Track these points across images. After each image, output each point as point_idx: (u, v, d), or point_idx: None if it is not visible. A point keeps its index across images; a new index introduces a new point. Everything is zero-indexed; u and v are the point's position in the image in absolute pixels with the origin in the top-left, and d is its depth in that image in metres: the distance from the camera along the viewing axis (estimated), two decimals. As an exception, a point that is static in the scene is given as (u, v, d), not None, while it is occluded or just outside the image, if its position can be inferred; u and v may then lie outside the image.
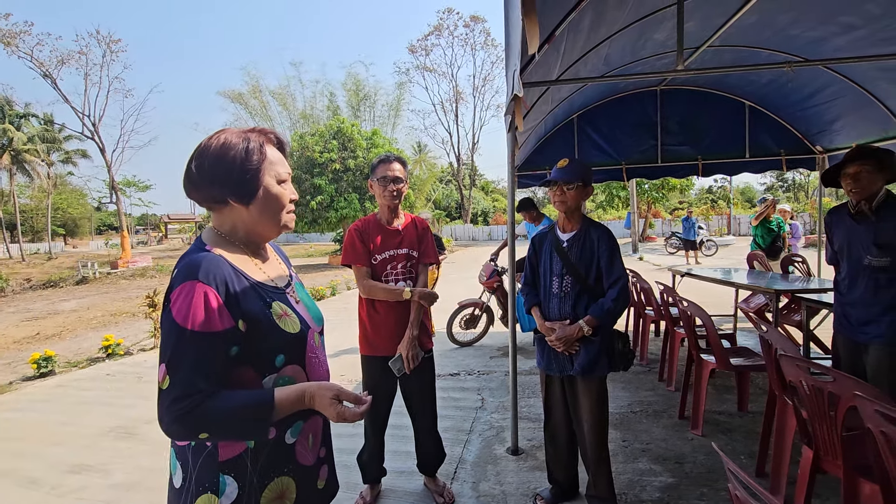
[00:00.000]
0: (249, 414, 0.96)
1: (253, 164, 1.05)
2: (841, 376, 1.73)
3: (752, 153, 5.66)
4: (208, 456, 1.01)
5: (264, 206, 1.09)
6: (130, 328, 8.51)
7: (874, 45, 3.65)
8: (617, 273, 2.22)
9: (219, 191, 1.05)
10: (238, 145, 1.05)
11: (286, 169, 1.14)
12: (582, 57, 3.58)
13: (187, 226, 48.91)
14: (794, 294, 4.03)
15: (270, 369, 1.06)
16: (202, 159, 1.04)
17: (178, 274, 1.00)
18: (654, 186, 23.11)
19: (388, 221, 2.42)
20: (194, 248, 1.07)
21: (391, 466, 2.72)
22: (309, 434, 1.13)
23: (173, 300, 0.96)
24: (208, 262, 1.00)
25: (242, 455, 1.02)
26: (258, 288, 1.08)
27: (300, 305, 1.17)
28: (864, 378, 2.47)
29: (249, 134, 1.09)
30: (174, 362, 0.93)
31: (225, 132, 1.08)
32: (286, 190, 1.12)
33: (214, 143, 1.05)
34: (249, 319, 1.02)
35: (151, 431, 3.65)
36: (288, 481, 1.08)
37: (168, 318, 0.96)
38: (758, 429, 2.83)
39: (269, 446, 1.05)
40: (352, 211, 18.83)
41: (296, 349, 1.10)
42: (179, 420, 0.91)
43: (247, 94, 27.42)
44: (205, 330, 0.95)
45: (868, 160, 2.44)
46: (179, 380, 0.92)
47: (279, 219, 1.12)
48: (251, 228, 1.11)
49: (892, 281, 2.43)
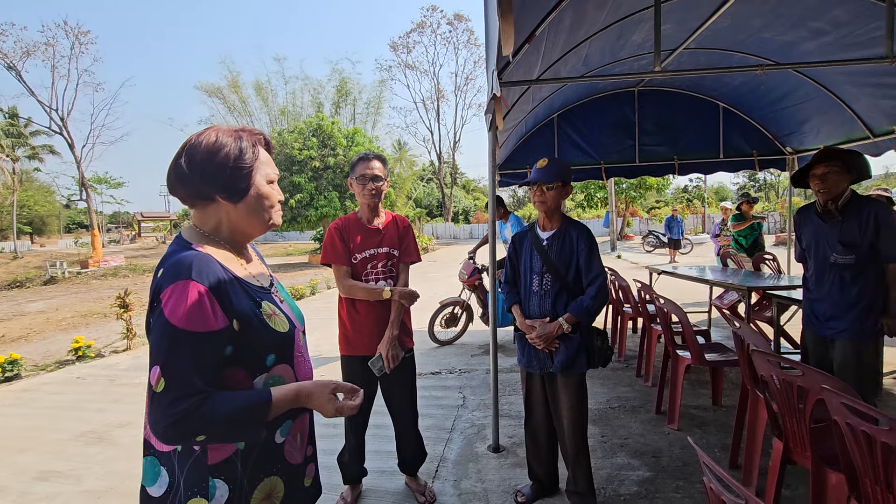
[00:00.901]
0: (248, 414, 0.96)
1: (246, 163, 1.06)
2: (809, 370, 1.79)
3: (725, 153, 5.81)
4: (196, 461, 0.99)
5: (254, 205, 1.09)
6: (102, 330, 8.26)
7: (841, 51, 3.78)
8: (596, 271, 2.25)
9: (209, 188, 1.04)
10: (231, 143, 1.05)
11: (274, 170, 1.15)
12: (562, 57, 3.61)
13: (162, 224, 47.68)
14: (765, 291, 4.15)
15: (261, 369, 1.05)
16: (193, 155, 1.03)
17: (165, 273, 0.97)
18: (632, 186, 23.50)
19: (369, 220, 2.40)
20: (177, 246, 1.04)
21: (372, 466, 2.70)
22: (297, 433, 1.13)
23: (164, 300, 0.94)
24: (199, 261, 0.99)
25: (232, 457, 1.01)
26: (247, 287, 1.07)
27: (284, 305, 1.18)
28: (831, 372, 2.57)
29: (241, 133, 1.09)
30: (170, 364, 0.91)
31: (216, 129, 1.07)
32: (275, 190, 1.14)
33: (206, 140, 1.04)
34: (242, 319, 1.01)
35: (124, 436, 3.55)
36: (276, 481, 1.08)
37: (161, 320, 0.93)
38: (731, 422, 2.91)
39: (259, 447, 1.05)
40: (332, 209, 18.64)
41: (285, 348, 1.10)
42: (179, 423, 0.89)
43: (226, 89, 26.82)
44: (201, 329, 0.94)
45: (835, 161, 2.53)
46: (177, 381, 0.91)
47: (268, 216, 1.12)
48: (237, 226, 1.11)
49: (857, 278, 2.53)
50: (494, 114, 2.54)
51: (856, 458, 1.51)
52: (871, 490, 1.48)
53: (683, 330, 3.18)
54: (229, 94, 26.81)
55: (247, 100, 27.17)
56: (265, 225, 1.13)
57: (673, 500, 2.43)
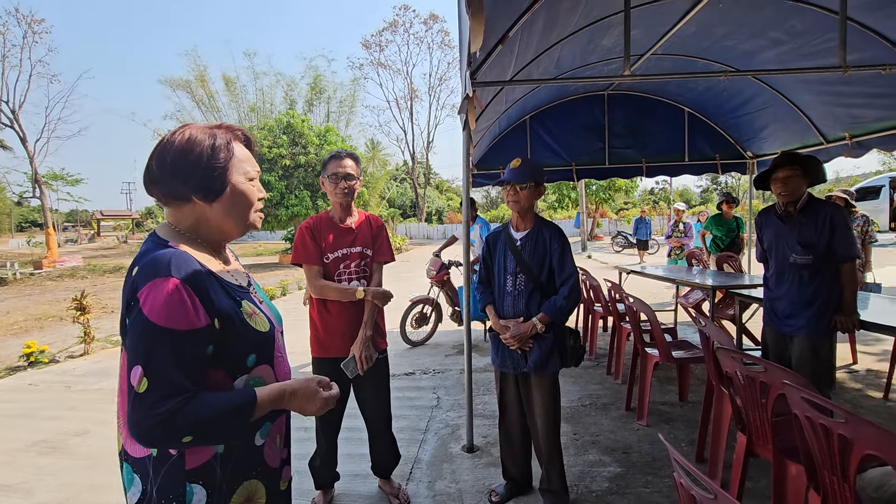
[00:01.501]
0: (234, 415, 0.94)
1: (220, 162, 1.03)
2: (771, 366, 1.86)
3: (690, 157, 6.01)
4: (173, 465, 0.95)
5: (231, 204, 1.06)
6: (57, 333, 7.85)
7: (797, 60, 3.96)
8: (568, 271, 2.27)
9: (181, 187, 1.02)
10: (204, 142, 1.02)
11: (254, 167, 1.12)
12: (535, 59, 3.65)
13: (123, 223, 45.84)
14: (728, 290, 4.30)
15: (242, 370, 1.03)
16: (164, 154, 1.00)
17: (142, 272, 0.94)
18: (602, 187, 24.04)
19: (341, 219, 2.36)
20: (153, 244, 1.01)
21: (344, 470, 2.66)
22: (276, 435, 1.12)
23: (142, 299, 0.91)
24: (177, 258, 0.96)
25: (211, 461, 0.99)
26: (226, 286, 1.05)
27: (263, 305, 1.16)
28: (790, 367, 2.68)
29: (216, 130, 1.06)
30: (153, 363, 0.88)
31: (190, 127, 1.04)
32: (254, 188, 1.10)
33: (179, 139, 1.01)
34: (223, 317, 0.99)
35: (81, 445, 3.38)
36: (256, 484, 1.06)
37: (139, 319, 0.90)
38: (697, 417, 3.00)
39: (238, 450, 1.03)
40: (303, 208, 18.31)
41: (266, 349, 1.09)
42: (164, 423, 0.86)
43: (193, 83, 25.87)
44: (183, 327, 0.91)
45: (795, 166, 2.65)
46: (161, 381, 0.88)
47: (246, 217, 1.10)
48: (215, 226, 1.08)
49: (814, 277, 2.64)
50: (468, 113, 2.54)
51: (814, 449, 1.57)
52: (829, 480, 1.54)
53: (652, 328, 3.26)
54: (197, 89, 25.92)
55: (215, 95, 26.34)
56: (243, 224, 1.10)
57: (642, 494, 2.48)
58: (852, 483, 1.45)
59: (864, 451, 1.37)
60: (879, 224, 16.71)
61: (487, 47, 2.65)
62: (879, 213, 16.78)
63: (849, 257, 2.58)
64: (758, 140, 5.65)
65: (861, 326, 2.65)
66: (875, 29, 3.39)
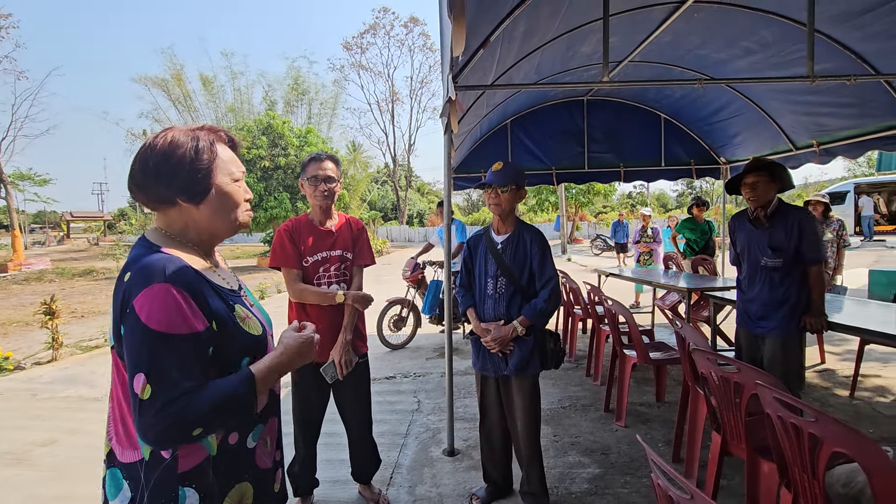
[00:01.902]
0: (237, 397, 0.96)
1: (203, 164, 1.03)
2: (745, 367, 1.90)
3: (666, 162, 6.14)
4: (166, 469, 0.96)
5: (217, 205, 1.07)
6: (23, 339, 7.55)
7: (768, 69, 4.09)
8: (549, 274, 2.29)
9: (166, 191, 1.02)
10: (186, 144, 1.02)
11: (240, 168, 1.12)
12: (515, 64, 3.68)
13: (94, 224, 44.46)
14: (703, 292, 4.40)
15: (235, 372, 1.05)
16: (147, 158, 1.00)
17: (135, 278, 0.94)
18: (581, 191, 24.37)
19: (321, 222, 2.33)
20: (143, 249, 1.01)
21: (324, 476, 2.62)
22: (267, 437, 1.14)
23: (139, 306, 0.91)
24: (171, 263, 0.96)
25: (204, 463, 0.99)
26: (218, 290, 1.06)
27: (254, 308, 1.17)
28: (761, 367, 2.75)
29: (198, 132, 1.06)
30: (155, 369, 0.89)
31: (172, 130, 1.04)
32: (240, 188, 1.11)
33: (161, 142, 1.01)
34: (218, 321, 1.01)
35: (47, 455, 3.25)
36: (246, 487, 1.07)
37: (138, 327, 0.90)
38: (674, 417, 3.05)
39: (230, 452, 1.04)
40: (282, 211, 18.07)
41: (258, 351, 1.10)
42: (175, 424, 0.88)
43: (169, 81, 25.24)
44: (184, 332, 0.92)
45: (763, 172, 2.74)
46: (166, 385, 0.89)
47: (234, 217, 1.10)
48: (204, 229, 1.08)
49: (784, 279, 2.73)
50: (450, 116, 2.54)
51: (786, 448, 1.62)
52: (799, 477, 1.59)
53: (630, 330, 3.31)
54: (173, 88, 25.31)
55: (192, 94, 25.78)
56: (232, 225, 1.10)
57: (621, 495, 2.51)
58: (821, 480, 1.49)
59: (833, 448, 1.41)
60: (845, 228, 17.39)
61: (469, 51, 2.66)
62: (845, 218, 17.44)
63: (816, 260, 2.68)
64: (731, 146, 5.81)
65: (829, 327, 2.74)
66: (841, 41, 3.53)
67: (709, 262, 6.15)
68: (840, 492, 1.58)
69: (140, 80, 25.15)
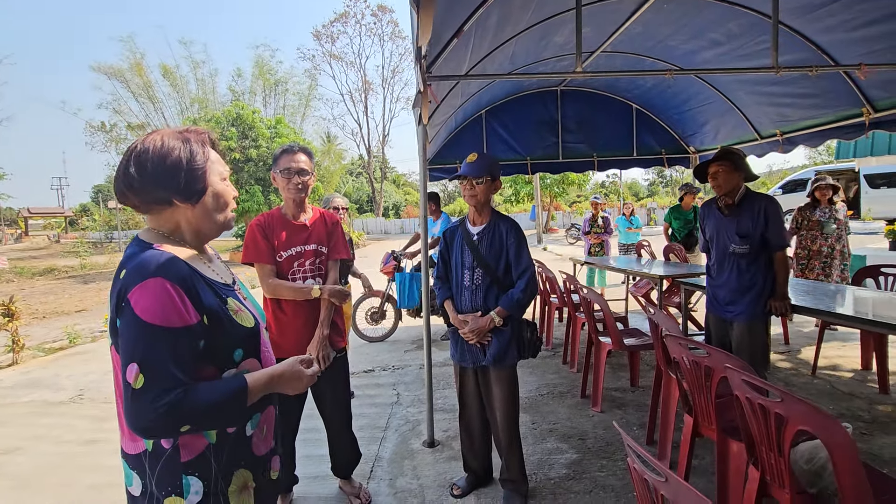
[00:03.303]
0: (229, 402, 1.00)
1: (199, 164, 1.08)
2: (715, 351, 1.96)
3: (638, 151, 6.25)
4: (168, 459, 1.01)
5: (212, 204, 1.12)
6: (-20, 343, 7.20)
7: (734, 61, 4.19)
8: (525, 264, 2.30)
9: (164, 192, 1.06)
10: (181, 146, 1.07)
11: (225, 167, 1.17)
12: (489, 54, 3.66)
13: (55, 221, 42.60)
14: (674, 279, 4.52)
15: (230, 364, 1.09)
16: (143, 161, 1.03)
17: (130, 274, 0.98)
18: (556, 181, 24.64)
19: (294, 216, 2.28)
20: (137, 248, 1.05)
21: (303, 472, 2.59)
22: (264, 426, 1.17)
23: (134, 300, 0.95)
24: (166, 259, 1.00)
25: (205, 453, 1.03)
26: (212, 284, 1.10)
27: (247, 301, 1.22)
28: (730, 350, 2.85)
29: (187, 134, 1.10)
30: (148, 359, 0.93)
31: (160, 133, 1.09)
32: (228, 187, 1.16)
33: (154, 145, 1.05)
34: (210, 314, 1.04)
35: (10, 463, 3.12)
36: (246, 474, 1.11)
37: (132, 319, 0.94)
38: (648, 401, 3.14)
39: (230, 440, 1.08)
40: (254, 204, 17.65)
41: (252, 343, 1.14)
42: (166, 414, 0.90)
43: (128, 71, 24.15)
44: (177, 324, 0.96)
45: (724, 161, 2.82)
46: (159, 375, 0.92)
47: (224, 216, 1.15)
48: (197, 227, 1.13)
49: (751, 265, 2.82)
50: (422, 108, 2.52)
51: (753, 428, 1.68)
52: (766, 455, 1.65)
53: (605, 317, 3.38)
54: (133, 78, 24.23)
55: (153, 85, 24.74)
56: (220, 226, 1.16)
57: (598, 478, 2.57)
58: (787, 457, 1.55)
59: (798, 427, 1.47)
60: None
61: (442, 41, 2.63)
62: (806, 204, 18.12)
63: (781, 246, 2.77)
64: (700, 135, 5.95)
65: (792, 310, 2.85)
66: (803, 33, 3.64)
67: (679, 250, 6.26)
68: (804, 467, 1.66)
69: (98, 69, 24.00)
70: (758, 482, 1.72)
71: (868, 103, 3.85)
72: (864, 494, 1.38)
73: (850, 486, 1.39)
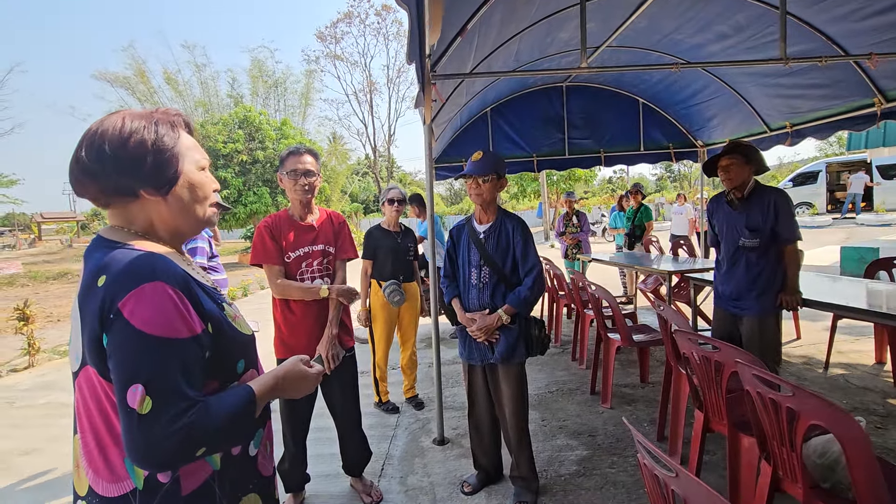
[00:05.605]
0: (240, 416, 0.87)
1: (167, 146, 0.90)
2: (725, 346, 1.95)
3: (645, 146, 6.20)
4: (167, 495, 0.85)
5: (187, 196, 0.94)
6: (-4, 346, 7.32)
7: (742, 53, 4.14)
8: (532, 261, 2.30)
9: (126, 180, 0.88)
10: (145, 126, 0.89)
11: (204, 155, 1.00)
12: (494, 51, 3.65)
13: (67, 226, 43.14)
14: (684, 274, 4.48)
15: (233, 377, 0.95)
16: (100, 143, 0.86)
17: (117, 280, 0.81)
18: (562, 178, 24.50)
19: (301, 217, 2.30)
20: (106, 249, 0.86)
21: (314, 471, 2.62)
22: (266, 442, 1.05)
23: (129, 311, 0.79)
24: (159, 259, 0.85)
25: (209, 481, 0.89)
26: (206, 289, 0.95)
27: (234, 306, 1.09)
28: (740, 345, 2.83)
29: (154, 114, 0.93)
30: (156, 378, 0.78)
31: (122, 113, 0.92)
32: (207, 178, 0.99)
33: (113, 126, 0.88)
34: (213, 321, 0.90)
35: (28, 465, 3.18)
36: (255, 498, 0.99)
37: (131, 334, 0.78)
38: (657, 397, 3.13)
39: (235, 463, 0.95)
40: (262, 206, 17.79)
41: (250, 352, 1.02)
42: (181, 441, 0.77)
43: (132, 78, 24.41)
44: (185, 335, 0.82)
45: (735, 154, 2.79)
46: (170, 396, 0.78)
47: (203, 211, 0.98)
48: (174, 224, 0.95)
49: (761, 259, 2.80)
50: (425, 108, 2.52)
51: (764, 422, 1.67)
52: (778, 450, 1.64)
53: (613, 314, 3.37)
54: (137, 84, 24.44)
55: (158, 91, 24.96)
56: (199, 222, 0.98)
57: (608, 475, 2.57)
58: (799, 452, 1.54)
59: (810, 421, 1.46)
60: (818, 207, 17.82)
61: (447, 40, 2.63)
62: (817, 197, 17.87)
63: (791, 239, 2.74)
64: (708, 129, 5.89)
65: (803, 304, 2.82)
66: (811, 23, 3.59)
67: (688, 243, 6.24)
68: (816, 462, 1.64)
69: (101, 77, 24.22)
70: (770, 477, 1.71)
71: (879, 93, 3.79)
72: (879, 489, 1.37)
73: (864, 480, 1.38)
